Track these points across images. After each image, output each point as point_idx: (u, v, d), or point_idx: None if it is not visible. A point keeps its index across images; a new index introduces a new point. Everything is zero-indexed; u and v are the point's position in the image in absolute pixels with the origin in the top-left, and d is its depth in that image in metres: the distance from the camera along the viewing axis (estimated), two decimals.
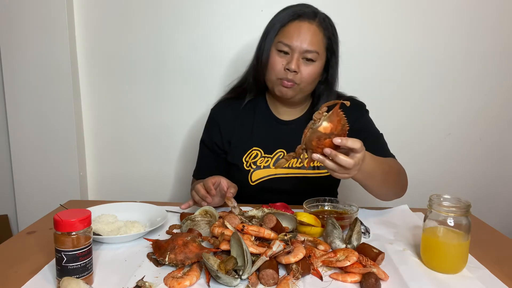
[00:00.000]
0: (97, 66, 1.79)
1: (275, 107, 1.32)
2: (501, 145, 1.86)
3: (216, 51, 1.75)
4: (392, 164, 1.15)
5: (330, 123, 0.85)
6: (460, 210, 0.80)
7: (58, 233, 0.72)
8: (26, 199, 1.83)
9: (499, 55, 1.76)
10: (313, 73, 1.18)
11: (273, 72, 1.19)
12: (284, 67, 1.17)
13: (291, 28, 1.17)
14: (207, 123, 1.38)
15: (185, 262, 0.80)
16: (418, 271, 0.82)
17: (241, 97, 1.32)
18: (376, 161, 1.03)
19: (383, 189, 1.13)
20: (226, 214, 0.92)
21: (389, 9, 1.71)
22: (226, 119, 1.32)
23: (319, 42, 1.17)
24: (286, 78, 1.17)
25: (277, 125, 1.30)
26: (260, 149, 1.27)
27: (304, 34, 1.15)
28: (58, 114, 1.75)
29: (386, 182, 1.10)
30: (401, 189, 1.20)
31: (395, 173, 1.14)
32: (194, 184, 1.37)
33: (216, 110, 1.36)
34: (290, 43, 1.15)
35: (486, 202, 1.88)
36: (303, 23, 1.16)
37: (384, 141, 1.29)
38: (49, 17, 1.67)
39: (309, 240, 0.91)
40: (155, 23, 1.74)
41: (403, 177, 1.20)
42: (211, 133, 1.34)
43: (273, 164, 1.26)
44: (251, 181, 1.26)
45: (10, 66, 1.72)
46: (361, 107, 1.32)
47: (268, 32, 1.21)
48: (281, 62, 1.17)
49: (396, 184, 1.16)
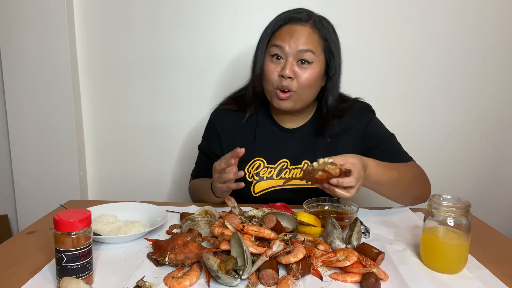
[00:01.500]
0: (97, 66, 1.79)
1: (278, 115, 1.27)
2: (501, 145, 1.86)
3: (216, 51, 1.75)
4: (404, 169, 1.11)
5: (325, 173, 0.90)
6: (460, 210, 0.80)
7: (58, 233, 0.72)
8: (26, 199, 1.83)
9: (499, 55, 1.76)
10: (311, 78, 1.12)
11: (269, 82, 1.15)
12: (279, 74, 1.12)
13: (283, 31, 1.14)
14: (207, 129, 1.34)
15: (185, 262, 0.80)
16: (418, 271, 0.82)
17: (242, 110, 1.27)
18: (383, 168, 1.02)
19: (394, 194, 1.12)
20: (226, 214, 0.92)
21: (389, 9, 1.71)
22: (226, 127, 1.28)
23: (314, 42, 1.12)
24: (282, 85, 1.12)
25: (281, 134, 1.26)
26: (263, 159, 1.23)
27: (297, 35, 1.11)
28: (58, 114, 1.75)
29: (396, 188, 1.09)
30: (420, 194, 1.17)
31: (408, 179, 1.11)
32: (194, 182, 1.37)
33: (217, 117, 1.31)
34: (282, 45, 1.11)
35: (486, 203, 1.88)
36: (295, 25, 1.13)
37: (397, 142, 1.26)
38: (49, 17, 1.67)
39: (309, 240, 0.91)
40: (155, 23, 1.74)
41: (420, 181, 1.17)
42: (211, 143, 1.30)
43: (277, 175, 1.23)
44: (254, 193, 1.22)
45: (10, 66, 1.72)
46: (368, 110, 1.28)
47: (261, 40, 1.18)
48: (275, 69, 1.13)
49: (410, 190, 1.13)
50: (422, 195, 1.19)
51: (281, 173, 1.23)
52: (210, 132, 1.32)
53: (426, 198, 1.20)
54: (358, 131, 1.24)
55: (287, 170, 1.23)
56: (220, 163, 1.06)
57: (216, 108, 1.33)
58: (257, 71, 1.18)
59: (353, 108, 1.26)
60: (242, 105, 1.27)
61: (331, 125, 1.23)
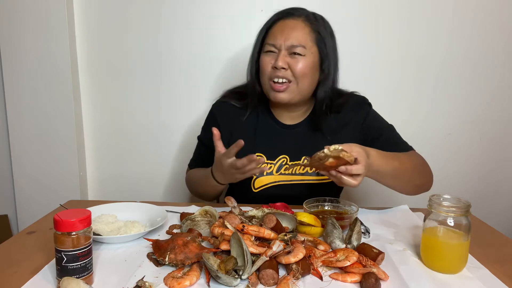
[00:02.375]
0: (97, 66, 1.79)
1: (277, 111, 1.29)
2: (501, 145, 1.86)
3: (216, 51, 1.75)
4: (405, 158, 1.13)
5: (336, 159, 0.90)
6: (460, 210, 0.80)
7: (58, 233, 0.72)
8: (26, 199, 1.83)
9: (499, 55, 1.76)
10: (304, 67, 1.14)
11: (264, 74, 1.18)
12: (272, 66, 1.15)
13: (276, 28, 1.17)
14: (207, 120, 1.35)
15: (185, 262, 0.80)
16: (418, 271, 0.82)
17: (244, 107, 1.29)
18: (385, 158, 1.04)
19: (396, 184, 1.13)
20: (226, 214, 0.92)
21: (389, 9, 1.71)
22: (227, 120, 1.30)
23: (305, 36, 1.14)
24: (276, 75, 1.14)
25: (280, 130, 1.28)
26: (263, 155, 1.24)
27: (288, 30, 1.14)
28: (58, 114, 1.75)
29: (399, 178, 1.10)
30: (422, 183, 1.18)
31: (410, 168, 1.13)
32: (192, 172, 1.37)
33: (218, 109, 1.32)
34: (274, 42, 1.15)
35: (487, 203, 1.88)
36: (288, 20, 1.16)
37: (396, 133, 1.28)
38: (49, 17, 1.67)
39: (309, 240, 0.91)
40: (155, 23, 1.73)
41: (422, 170, 1.18)
42: (210, 134, 1.32)
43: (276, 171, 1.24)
44: (254, 188, 1.24)
45: (10, 66, 1.72)
46: (365, 103, 1.29)
47: (257, 40, 1.22)
48: (270, 61, 1.16)
49: (413, 179, 1.15)
50: (425, 184, 1.20)
51: (281, 169, 1.24)
52: (210, 123, 1.33)
53: (429, 187, 1.22)
54: (357, 125, 1.26)
55: (287, 166, 1.24)
56: (242, 162, 1.04)
57: (218, 100, 1.34)
58: (252, 69, 1.21)
59: (350, 102, 1.27)
60: (243, 103, 1.29)
61: (329, 120, 1.25)
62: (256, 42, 1.22)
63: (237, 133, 1.27)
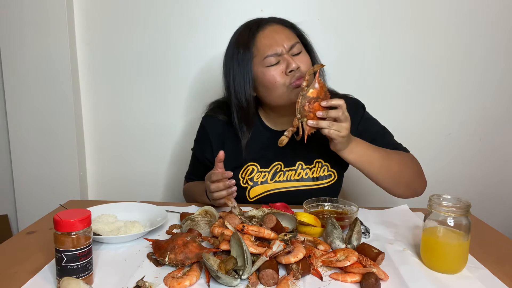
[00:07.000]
0: (97, 66, 1.79)
1: (269, 118, 1.27)
2: (501, 145, 1.86)
3: (215, 51, 1.75)
4: (393, 153, 1.14)
5: (315, 89, 1.03)
6: (460, 210, 0.80)
7: (58, 233, 0.72)
8: (26, 199, 1.83)
9: (499, 55, 1.76)
10: (308, 61, 1.15)
11: (279, 85, 1.11)
12: (286, 72, 1.11)
13: (264, 40, 1.13)
14: (199, 133, 1.34)
15: (185, 262, 0.80)
16: (418, 271, 0.82)
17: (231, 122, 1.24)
18: (370, 146, 1.08)
19: (385, 177, 1.12)
20: (226, 214, 0.92)
21: (389, 9, 1.71)
22: (217, 132, 1.27)
23: (291, 34, 1.15)
24: (297, 76, 1.10)
25: (272, 137, 1.22)
26: (256, 164, 1.23)
27: (277, 35, 1.13)
28: (58, 114, 1.75)
29: (386, 169, 1.10)
30: (412, 181, 1.17)
31: (397, 161, 1.13)
32: (188, 186, 1.38)
33: (209, 122, 1.30)
34: (275, 51, 1.11)
35: (487, 203, 1.88)
36: (267, 29, 1.14)
37: (390, 136, 1.27)
38: (49, 17, 1.67)
39: (309, 240, 0.91)
40: (154, 24, 1.74)
41: (412, 167, 1.17)
42: (203, 148, 1.31)
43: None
44: (249, 198, 1.22)
45: (10, 66, 1.72)
46: (359, 106, 1.28)
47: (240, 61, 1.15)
48: (281, 70, 1.11)
49: (402, 174, 1.14)
50: (416, 186, 1.19)
51: (276, 176, 1.23)
52: (201, 137, 1.32)
53: (420, 190, 1.21)
54: (351, 128, 1.24)
55: (281, 172, 1.23)
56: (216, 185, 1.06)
57: (206, 113, 1.32)
58: (248, 90, 1.15)
59: None
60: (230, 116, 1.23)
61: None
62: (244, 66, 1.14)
63: (229, 142, 1.26)
